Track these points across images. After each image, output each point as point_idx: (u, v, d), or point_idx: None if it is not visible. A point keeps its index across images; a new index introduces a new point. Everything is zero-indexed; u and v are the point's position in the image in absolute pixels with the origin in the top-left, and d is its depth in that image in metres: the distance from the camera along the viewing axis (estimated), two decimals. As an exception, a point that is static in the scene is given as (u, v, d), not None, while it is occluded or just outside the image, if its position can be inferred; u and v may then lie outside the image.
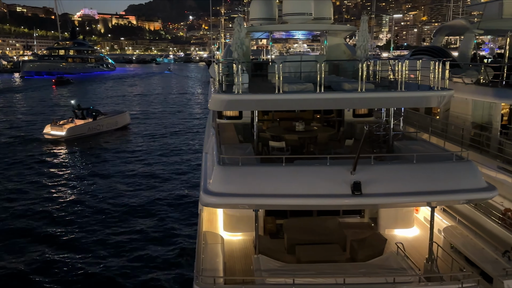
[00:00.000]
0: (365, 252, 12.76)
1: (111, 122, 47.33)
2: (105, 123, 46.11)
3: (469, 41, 21.11)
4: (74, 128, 42.84)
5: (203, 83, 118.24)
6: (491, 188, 11.27)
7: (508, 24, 19.77)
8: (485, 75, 17.64)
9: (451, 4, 49.63)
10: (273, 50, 22.30)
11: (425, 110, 22.09)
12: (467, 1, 50.44)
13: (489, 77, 17.49)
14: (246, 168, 11.17)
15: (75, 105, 45.33)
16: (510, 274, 11.00)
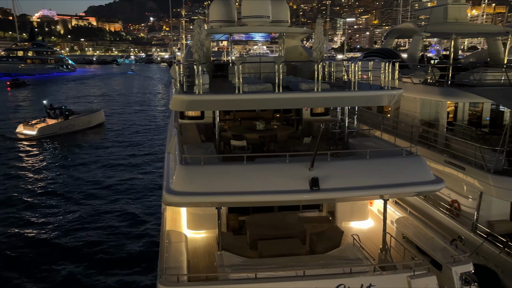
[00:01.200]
0: (324, 244, 12.94)
1: (84, 121, 47.27)
2: (77, 123, 46.04)
3: (417, 43, 21.81)
4: (45, 127, 42.88)
5: (166, 83, 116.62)
6: (439, 181, 11.68)
7: (452, 27, 20.58)
8: (432, 75, 18.28)
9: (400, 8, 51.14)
10: (233, 51, 22.22)
11: (377, 108, 22.67)
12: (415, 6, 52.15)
13: (436, 77, 18.12)
14: (208, 167, 11.08)
15: (47, 105, 45.54)
16: (458, 261, 11.44)
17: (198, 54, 13.27)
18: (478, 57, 24.34)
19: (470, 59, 25.05)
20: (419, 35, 21.13)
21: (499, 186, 13.56)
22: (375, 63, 14.44)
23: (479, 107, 19.58)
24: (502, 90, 15.99)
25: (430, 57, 30.45)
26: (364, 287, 10.52)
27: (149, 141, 43.16)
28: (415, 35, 21.72)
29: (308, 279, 10.37)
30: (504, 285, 13.03)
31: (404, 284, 10.78)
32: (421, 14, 29.20)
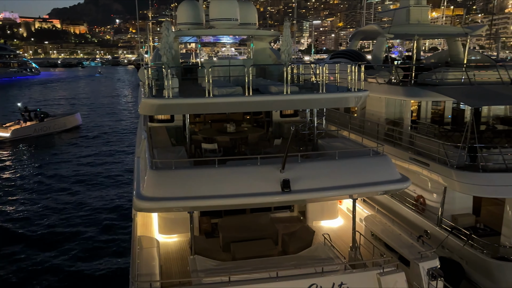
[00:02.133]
0: (296, 244, 12.98)
1: (59, 124, 47.42)
2: (52, 125, 46.09)
3: (381, 45, 22.23)
4: (19, 129, 42.83)
5: (135, 86, 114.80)
6: (405, 179, 11.90)
7: (415, 29, 21.06)
8: (395, 76, 18.65)
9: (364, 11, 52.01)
10: (202, 53, 22.03)
11: (344, 108, 22.97)
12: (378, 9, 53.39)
13: (399, 77, 18.50)
14: (180, 171, 10.88)
15: (22, 107, 45.70)
16: (425, 257, 11.71)
17: (167, 56, 13.06)
18: (439, 57, 25.03)
19: (431, 60, 25.73)
20: (383, 37, 21.52)
21: (462, 181, 13.93)
22: (341, 65, 14.61)
23: (441, 105, 20.12)
24: (463, 88, 16.48)
25: (393, 58, 31.09)
26: (336, 285, 10.60)
27: (123, 145, 42.72)
28: (379, 36, 22.11)
29: (281, 280, 10.36)
30: (469, 276, 13.42)
31: (374, 281, 10.94)
32: (384, 16, 29.78)
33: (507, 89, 16.26)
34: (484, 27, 24.97)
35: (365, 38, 28.28)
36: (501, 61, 22.54)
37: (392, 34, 21.28)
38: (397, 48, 77.80)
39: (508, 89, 16.35)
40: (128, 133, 48.96)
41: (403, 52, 59.90)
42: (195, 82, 16.96)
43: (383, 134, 18.66)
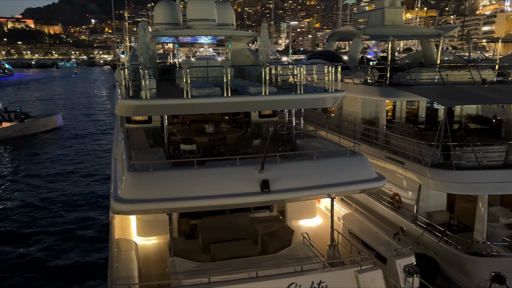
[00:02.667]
0: (275, 244, 13.02)
1: (39, 125, 47.16)
2: (32, 126, 45.81)
3: (357, 46, 22.50)
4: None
5: (110, 87, 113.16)
6: (381, 178, 12.10)
7: (389, 30, 21.40)
8: (371, 76, 18.90)
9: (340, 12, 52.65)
10: (179, 54, 21.85)
11: (322, 109, 23.17)
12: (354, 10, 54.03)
13: (375, 78, 18.76)
14: (158, 173, 10.78)
15: (1, 108, 45.61)
16: (401, 254, 11.92)
17: (144, 57, 12.92)
18: (414, 58, 25.49)
19: (406, 60, 26.17)
20: (359, 38, 21.78)
21: (436, 178, 14.20)
22: (318, 66, 14.73)
23: (416, 105, 20.49)
24: (436, 88, 16.81)
25: (369, 58, 31.52)
26: (315, 284, 10.69)
27: (103, 146, 42.29)
28: (355, 37, 22.37)
29: (261, 280, 10.38)
30: (444, 272, 13.71)
31: (352, 279, 11.08)
32: (360, 17, 30.18)
33: (478, 89, 16.66)
34: (456, 28, 25.55)
35: (341, 39, 28.56)
36: (472, 61, 23.10)
37: (367, 35, 21.56)
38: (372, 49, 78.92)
39: (480, 88, 16.76)
40: (108, 134, 48.38)
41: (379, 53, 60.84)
42: (173, 83, 16.82)
43: (359, 134, 18.89)
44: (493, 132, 18.43)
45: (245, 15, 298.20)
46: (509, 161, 14.15)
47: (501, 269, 12.42)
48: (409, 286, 11.42)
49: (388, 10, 22.43)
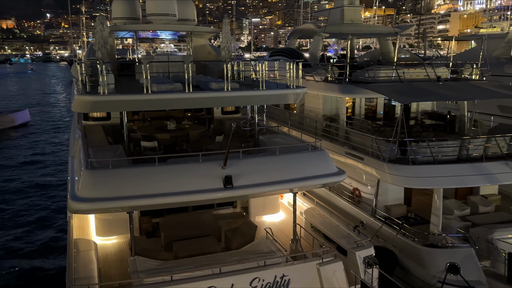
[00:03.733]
0: (238, 240, 13.04)
1: (6, 121, 46.30)
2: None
3: (318, 44, 22.82)
4: None
5: (67, 83, 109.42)
6: (341, 172, 12.38)
7: (349, 28, 21.83)
8: (331, 74, 19.22)
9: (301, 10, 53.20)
10: (139, 49, 21.42)
11: (284, 105, 23.37)
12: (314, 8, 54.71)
13: (335, 75, 19.09)
14: (117, 170, 10.53)
15: None
16: (361, 246, 12.24)
17: (101, 52, 12.56)
18: (372, 56, 26.13)
19: (365, 58, 26.83)
20: (319, 36, 22.08)
21: (393, 173, 14.63)
22: (280, 63, 14.83)
23: (374, 102, 21.03)
24: (393, 86, 17.29)
25: (329, 56, 32.04)
26: (278, 278, 10.79)
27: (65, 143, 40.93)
28: (315, 35, 22.66)
29: (224, 276, 10.37)
30: (402, 263, 14.17)
31: (314, 272, 11.26)
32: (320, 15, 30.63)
33: (433, 86, 17.28)
34: (413, 26, 26.44)
35: (302, 36, 28.88)
36: (428, 59, 23.95)
37: (327, 33, 21.89)
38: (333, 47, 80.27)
39: (435, 86, 17.39)
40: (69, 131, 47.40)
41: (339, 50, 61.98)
42: (133, 78, 16.47)
43: (321, 130, 19.18)
44: (447, 128, 19.23)
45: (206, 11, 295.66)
46: (462, 155, 14.75)
47: (455, 259, 12.94)
48: (368, 277, 11.74)
49: (347, 8, 22.87)
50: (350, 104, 20.30)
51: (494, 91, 17.00)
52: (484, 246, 13.77)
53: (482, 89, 17.26)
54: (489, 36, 30.13)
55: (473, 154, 14.73)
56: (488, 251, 13.71)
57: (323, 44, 22.82)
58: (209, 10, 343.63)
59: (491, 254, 13.63)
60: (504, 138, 15.13)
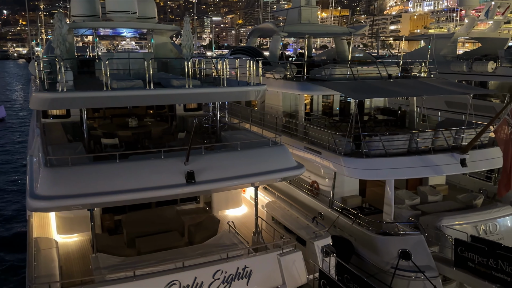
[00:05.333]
0: (202, 234, 12.97)
1: None
2: None
3: (277, 42, 22.94)
4: None
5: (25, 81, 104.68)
6: (300, 166, 12.55)
7: (306, 28, 22.07)
8: (290, 71, 19.40)
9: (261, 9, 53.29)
10: (99, 47, 20.79)
11: (245, 102, 23.38)
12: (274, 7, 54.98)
13: (294, 73, 19.28)
14: (77, 167, 10.20)
15: None
16: (319, 236, 12.47)
17: (60, 49, 12.10)
18: (328, 54, 26.57)
19: (322, 57, 27.25)
20: (278, 35, 22.21)
21: (349, 166, 14.93)
22: (241, 61, 14.82)
23: (331, 98, 21.41)
24: (348, 83, 17.65)
25: (288, 55, 32.35)
26: (240, 269, 10.83)
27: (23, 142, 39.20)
28: (274, 34, 22.77)
29: (188, 269, 10.31)
30: (357, 251, 14.56)
31: (274, 262, 11.39)
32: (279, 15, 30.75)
33: (385, 83, 17.79)
34: (366, 27, 27.06)
35: (262, 35, 28.93)
36: (380, 58, 24.62)
37: (286, 33, 22.03)
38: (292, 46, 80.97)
39: (386, 83, 17.90)
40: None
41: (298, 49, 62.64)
42: (93, 76, 15.98)
43: (280, 126, 19.33)
44: (398, 123, 19.87)
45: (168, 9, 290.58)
46: (412, 148, 15.27)
47: (407, 246, 13.41)
48: (326, 266, 11.99)
49: (304, 9, 23.11)
50: (308, 101, 20.56)
51: (441, 87, 17.69)
52: (433, 233, 14.34)
53: (430, 86, 17.91)
54: (437, 36, 31.39)
55: (422, 147, 15.28)
56: (436, 238, 14.29)
57: (283, 43, 22.96)
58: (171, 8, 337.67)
59: (439, 240, 14.22)
60: (451, 132, 15.77)
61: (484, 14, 32.03)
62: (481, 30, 35.40)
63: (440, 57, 28.80)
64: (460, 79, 26.98)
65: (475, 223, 14.55)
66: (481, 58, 27.56)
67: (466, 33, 31.91)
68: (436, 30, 79.01)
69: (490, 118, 14.83)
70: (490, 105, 24.63)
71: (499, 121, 13.99)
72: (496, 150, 15.00)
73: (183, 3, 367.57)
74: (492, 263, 12.00)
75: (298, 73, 19.01)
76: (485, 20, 32.30)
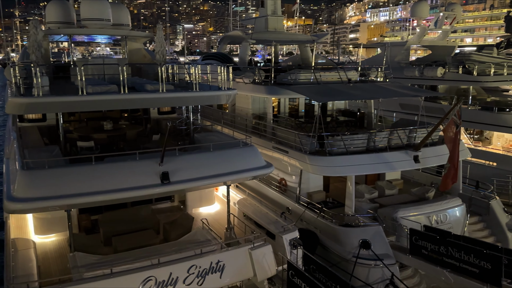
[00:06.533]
0: (176, 231, 12.80)
1: None
2: None
3: (246, 49, 22.96)
4: None
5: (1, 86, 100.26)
6: (269, 165, 12.59)
7: (273, 36, 22.19)
8: (259, 76, 19.46)
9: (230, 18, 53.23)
10: (75, 52, 20.19)
11: (217, 105, 23.27)
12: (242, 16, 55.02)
13: (262, 78, 19.35)
14: (53, 170, 9.86)
15: None
16: (287, 230, 12.56)
17: (36, 55, 11.66)
18: (294, 60, 26.81)
19: (288, 63, 27.44)
20: (247, 42, 22.23)
21: (313, 164, 15.13)
22: (212, 67, 14.75)
23: (296, 101, 21.61)
24: (312, 87, 17.86)
25: (257, 60, 32.44)
26: (213, 264, 10.77)
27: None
28: (243, 41, 22.78)
29: (163, 265, 10.16)
30: (322, 243, 14.75)
31: (246, 256, 11.38)
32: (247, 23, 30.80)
33: (345, 87, 18.09)
34: (328, 35, 27.44)
35: (232, 42, 28.90)
36: (341, 64, 25.03)
37: (254, 40, 22.09)
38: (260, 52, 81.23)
39: (346, 87, 18.21)
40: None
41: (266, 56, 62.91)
42: (68, 81, 15.50)
43: (250, 127, 19.36)
44: (358, 123, 20.29)
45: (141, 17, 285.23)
46: (370, 146, 15.63)
47: (367, 236, 13.70)
48: (294, 257, 12.09)
49: (271, 18, 23.24)
50: (276, 103, 20.68)
51: (396, 91, 18.16)
52: (390, 223, 14.72)
53: (386, 89, 18.35)
54: (392, 44, 32.22)
55: (379, 145, 15.66)
56: (393, 228, 14.66)
57: (252, 50, 22.99)
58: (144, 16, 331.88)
59: (396, 230, 14.59)
60: (405, 131, 16.23)
61: (434, 24, 33.12)
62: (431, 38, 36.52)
63: (394, 63, 29.57)
64: (412, 83, 27.78)
65: (428, 214, 15.02)
66: (431, 64, 28.44)
67: (418, 41, 32.87)
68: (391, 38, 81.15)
69: (439, 119, 15.36)
70: (439, 106, 25.46)
71: (447, 121, 14.53)
72: (445, 147, 15.53)
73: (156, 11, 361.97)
74: (443, 250, 12.42)
75: (266, 78, 19.08)
76: (435, 29, 33.38)
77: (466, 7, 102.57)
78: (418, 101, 17.89)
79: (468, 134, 25.67)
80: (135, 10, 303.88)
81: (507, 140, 25.89)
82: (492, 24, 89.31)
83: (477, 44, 49.56)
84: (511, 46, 29.69)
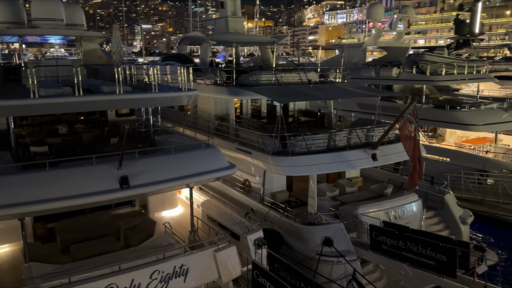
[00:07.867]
0: (138, 237, 12.51)
1: None
2: None
3: (206, 50, 22.81)
4: None
5: None
6: (232, 166, 12.57)
7: (233, 37, 22.18)
8: (220, 78, 19.39)
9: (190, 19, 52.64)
10: (27, 54, 19.24)
11: (178, 107, 22.95)
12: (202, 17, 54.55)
13: (223, 79, 19.29)
14: (5, 177, 9.36)
15: None
16: (251, 230, 12.59)
17: (-19, 56, 11.04)
18: (255, 62, 26.91)
19: (249, 64, 27.53)
20: (207, 43, 22.08)
21: (276, 164, 15.25)
22: (172, 67, 14.52)
23: (258, 102, 21.69)
24: (273, 88, 18.00)
25: (218, 62, 32.29)
26: (177, 268, 10.62)
27: None
28: (204, 42, 22.62)
29: (124, 272, 9.89)
30: (286, 242, 14.90)
31: (210, 258, 11.31)
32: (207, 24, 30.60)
33: (306, 88, 18.37)
34: (287, 36, 27.81)
35: (192, 43, 28.61)
36: (301, 65, 25.42)
37: (214, 41, 21.98)
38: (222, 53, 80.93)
39: (307, 88, 18.50)
40: None
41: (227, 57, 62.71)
42: (20, 83, 14.75)
43: (213, 129, 19.24)
44: (318, 123, 20.67)
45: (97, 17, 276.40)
46: (330, 146, 15.95)
47: (329, 233, 13.98)
48: (258, 257, 12.14)
49: (231, 19, 23.21)
50: (238, 104, 20.67)
51: (354, 91, 18.66)
52: (351, 220, 15.10)
53: (344, 90, 18.81)
54: (349, 46, 33.12)
55: (339, 144, 16.02)
56: (354, 225, 15.06)
57: (213, 51, 22.88)
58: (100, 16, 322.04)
59: (356, 226, 15.01)
60: (363, 130, 16.69)
61: (389, 26, 34.35)
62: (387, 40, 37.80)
63: (352, 64, 30.38)
64: (369, 83, 28.65)
65: (386, 210, 15.54)
66: (387, 65, 29.44)
67: (374, 43, 33.96)
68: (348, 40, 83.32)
69: (395, 117, 15.93)
70: (395, 105, 26.41)
71: (403, 120, 15.09)
72: (401, 145, 16.12)
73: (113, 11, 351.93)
74: (401, 244, 12.89)
75: (228, 79, 19.04)
76: (390, 31, 34.62)
77: (418, 10, 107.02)
78: (375, 100, 18.46)
79: (422, 132, 26.82)
80: (90, 10, 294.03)
81: (459, 137, 27.33)
82: (443, 26, 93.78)
83: (429, 46, 51.91)
84: (461, 47, 31.32)
